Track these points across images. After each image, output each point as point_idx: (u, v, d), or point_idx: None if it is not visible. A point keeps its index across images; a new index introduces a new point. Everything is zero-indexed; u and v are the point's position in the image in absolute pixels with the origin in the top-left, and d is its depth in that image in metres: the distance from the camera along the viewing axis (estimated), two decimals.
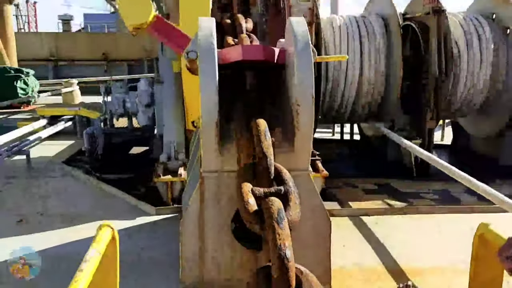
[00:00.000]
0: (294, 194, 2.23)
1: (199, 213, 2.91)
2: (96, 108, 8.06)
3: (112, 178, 5.46)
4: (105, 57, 18.70)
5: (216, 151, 2.84)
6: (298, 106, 2.78)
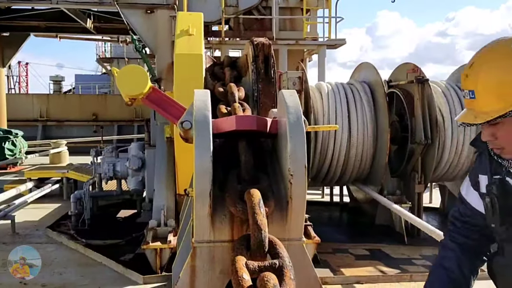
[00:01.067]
0: (289, 269, 2.21)
1: (190, 285, 2.83)
2: (84, 170, 8.02)
3: (99, 244, 5.32)
4: (95, 117, 18.87)
5: (208, 220, 2.82)
6: (291, 176, 2.81)
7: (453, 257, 1.58)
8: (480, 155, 1.56)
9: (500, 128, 1.34)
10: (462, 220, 1.59)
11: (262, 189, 2.75)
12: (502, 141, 1.35)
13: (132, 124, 18.97)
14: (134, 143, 6.46)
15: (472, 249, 1.57)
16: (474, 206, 1.56)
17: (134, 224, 6.16)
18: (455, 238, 1.60)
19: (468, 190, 1.59)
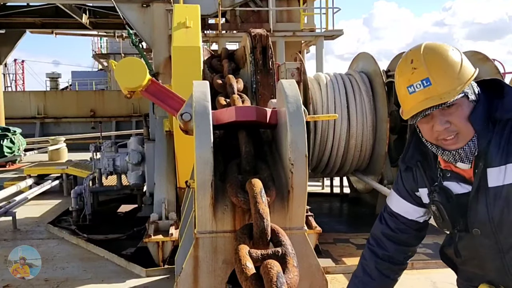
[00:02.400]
0: (292, 257, 2.22)
1: (193, 276, 2.84)
2: (83, 166, 8.02)
3: (100, 238, 5.33)
4: (93, 114, 18.83)
5: (211, 211, 2.83)
6: (292, 165, 2.82)
7: (373, 265, 1.70)
8: (407, 171, 1.60)
9: (454, 112, 1.36)
10: (393, 235, 1.66)
11: (263, 179, 2.76)
12: (457, 124, 1.37)
13: (130, 120, 18.94)
14: (133, 137, 6.45)
15: (395, 258, 1.71)
16: (407, 216, 1.63)
17: (135, 219, 6.16)
18: (377, 253, 1.69)
19: (399, 204, 1.65)
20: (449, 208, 1.46)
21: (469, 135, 1.39)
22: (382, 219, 1.70)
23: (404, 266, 1.69)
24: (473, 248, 1.48)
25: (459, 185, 1.47)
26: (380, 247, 1.65)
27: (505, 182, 1.36)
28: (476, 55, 6.63)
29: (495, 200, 1.38)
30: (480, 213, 1.42)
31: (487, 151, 1.38)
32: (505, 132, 1.37)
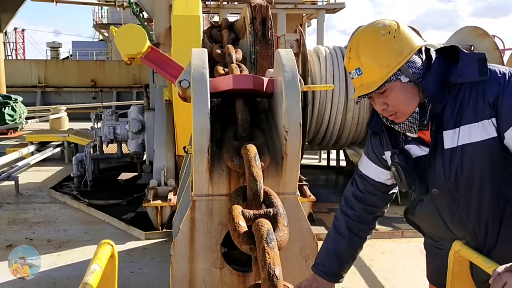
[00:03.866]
0: (283, 217, 2.34)
1: (190, 236, 2.98)
2: (84, 134, 8.12)
3: (101, 203, 5.48)
4: (94, 84, 18.82)
5: (207, 175, 2.95)
6: (286, 132, 2.91)
7: (344, 224, 1.81)
8: (374, 135, 1.72)
9: (389, 94, 1.47)
10: (362, 196, 1.76)
11: (258, 145, 2.86)
12: (394, 105, 1.48)
13: (131, 90, 18.94)
14: (134, 106, 6.53)
15: (364, 218, 1.79)
16: (375, 179, 1.74)
17: (135, 186, 6.31)
18: (347, 213, 1.80)
19: (368, 167, 1.76)
20: (407, 169, 1.56)
21: (409, 111, 1.49)
22: (353, 182, 1.81)
23: (373, 226, 1.81)
24: (433, 208, 1.58)
25: (419, 148, 1.57)
26: (350, 208, 1.76)
27: (459, 144, 1.45)
28: (476, 31, 6.63)
29: (451, 161, 1.47)
30: (438, 174, 1.52)
31: (442, 115, 1.47)
32: (459, 96, 1.45)
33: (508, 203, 1.44)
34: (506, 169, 1.42)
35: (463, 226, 1.53)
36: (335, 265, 1.78)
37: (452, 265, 1.57)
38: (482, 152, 1.42)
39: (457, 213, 1.52)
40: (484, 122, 1.40)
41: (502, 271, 1.28)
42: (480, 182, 1.45)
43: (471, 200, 1.48)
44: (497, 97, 1.38)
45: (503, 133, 1.37)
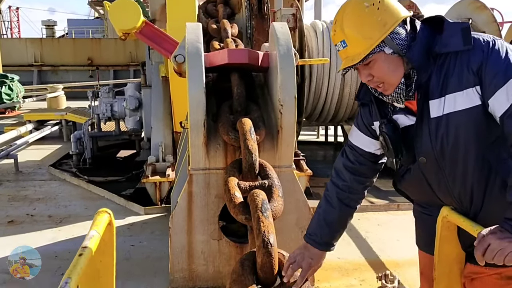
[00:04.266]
0: (278, 188, 2.39)
1: (188, 209, 3.04)
2: (82, 112, 8.12)
3: (100, 180, 5.53)
4: (90, 62, 18.68)
5: (203, 149, 2.98)
6: (281, 106, 2.94)
7: (334, 194, 1.82)
8: (364, 106, 1.75)
9: (374, 66, 1.49)
10: (352, 166, 1.79)
11: (253, 119, 2.90)
12: (379, 76, 1.51)
13: (128, 68, 18.82)
14: (130, 84, 6.52)
15: (354, 189, 1.83)
16: (365, 149, 1.77)
17: (134, 163, 6.35)
18: (338, 184, 1.82)
19: (358, 137, 1.78)
20: (394, 139, 1.60)
21: (394, 82, 1.51)
22: (344, 153, 1.84)
23: (362, 196, 1.85)
24: (421, 176, 1.63)
25: (407, 118, 1.60)
26: (340, 179, 1.80)
27: (444, 112, 1.48)
28: (474, 3, 6.58)
29: (437, 129, 1.51)
30: (424, 143, 1.55)
31: (428, 85, 1.50)
32: (444, 66, 1.47)
33: (492, 170, 1.48)
34: (490, 136, 1.45)
35: (449, 193, 1.57)
36: (327, 234, 1.83)
37: (440, 230, 1.62)
38: (467, 120, 1.45)
39: (444, 180, 1.56)
40: (468, 90, 1.43)
41: (487, 234, 1.33)
42: (465, 150, 1.48)
43: (456, 167, 1.51)
44: (480, 65, 1.40)
45: (487, 100, 1.40)
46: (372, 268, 3.38)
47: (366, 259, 3.55)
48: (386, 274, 3.12)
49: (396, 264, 3.39)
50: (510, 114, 1.34)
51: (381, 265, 3.43)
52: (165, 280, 3.09)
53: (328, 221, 1.84)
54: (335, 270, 3.37)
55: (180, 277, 3.05)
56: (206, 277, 3.06)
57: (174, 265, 3.05)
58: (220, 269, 3.05)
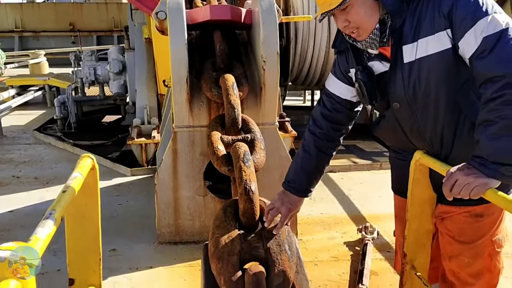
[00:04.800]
0: (260, 141, 2.44)
1: (173, 166, 3.09)
2: (65, 78, 7.99)
3: (86, 144, 5.52)
4: (72, 28, 18.21)
5: (187, 107, 3.00)
6: (264, 62, 2.95)
7: (312, 142, 1.86)
8: (340, 54, 1.78)
9: (350, 11, 1.52)
10: (329, 114, 1.83)
11: (236, 76, 2.91)
12: (355, 21, 1.54)
13: (112, 34, 18.37)
14: (114, 47, 6.41)
15: (330, 136, 1.87)
16: (341, 96, 1.80)
17: (119, 127, 6.34)
18: (315, 132, 1.86)
19: (335, 85, 1.82)
20: (369, 85, 1.64)
21: (370, 27, 1.54)
22: (321, 101, 1.87)
23: (338, 143, 1.90)
24: (395, 121, 1.68)
25: (382, 64, 1.63)
26: (317, 127, 1.84)
27: (417, 57, 1.52)
28: None
29: (409, 74, 1.55)
30: (398, 88, 1.59)
31: (402, 30, 1.53)
32: (417, 10, 1.50)
33: (462, 112, 1.53)
34: (460, 79, 1.50)
35: (422, 137, 1.63)
36: (304, 181, 1.88)
37: (413, 173, 1.68)
38: (438, 63, 1.49)
39: (416, 124, 1.62)
40: (439, 34, 1.46)
41: (454, 171, 1.39)
42: (436, 93, 1.53)
43: (428, 111, 1.57)
44: (451, 8, 1.43)
45: (457, 42, 1.43)
46: (354, 222, 3.49)
47: (348, 214, 3.66)
48: (366, 226, 3.24)
49: (377, 217, 3.51)
50: (478, 55, 1.38)
51: (362, 219, 3.54)
52: (152, 235, 3.17)
53: (306, 168, 1.89)
54: (318, 224, 3.47)
55: (167, 232, 3.13)
56: (192, 231, 3.15)
57: (160, 221, 3.12)
58: (206, 224, 3.13)
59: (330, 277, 2.74)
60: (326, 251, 3.06)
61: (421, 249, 1.79)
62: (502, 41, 1.34)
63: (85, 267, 1.59)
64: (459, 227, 1.64)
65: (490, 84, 1.35)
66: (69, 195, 1.24)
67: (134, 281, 2.69)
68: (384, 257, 2.97)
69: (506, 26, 1.35)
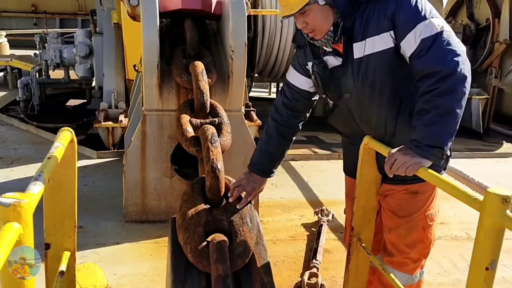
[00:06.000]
0: (227, 125, 2.61)
1: (141, 148, 3.22)
2: (28, 59, 7.84)
3: (50, 127, 5.50)
4: (35, 9, 17.63)
5: (157, 91, 3.13)
6: (232, 52, 3.12)
7: (274, 129, 2.05)
8: (299, 48, 1.99)
9: (309, 15, 1.73)
10: (289, 103, 2.03)
11: (205, 63, 3.07)
12: (312, 24, 1.75)
13: (76, 17, 17.91)
14: (80, 30, 6.36)
15: (290, 123, 2.05)
16: (300, 87, 2.01)
17: (84, 111, 6.33)
18: (276, 119, 2.05)
19: (294, 76, 2.02)
20: (323, 77, 1.85)
21: (325, 29, 1.76)
22: (282, 91, 2.07)
23: (298, 129, 2.11)
24: (346, 109, 1.91)
25: (335, 59, 1.84)
26: (279, 114, 2.04)
27: (365, 54, 1.74)
28: None
29: (358, 68, 1.77)
30: (349, 80, 1.81)
31: (352, 29, 1.75)
32: (365, 13, 1.73)
33: (403, 102, 1.77)
34: (401, 74, 1.73)
35: (369, 124, 1.86)
36: (267, 163, 2.07)
37: (362, 155, 1.90)
38: (383, 59, 1.71)
39: (364, 112, 1.84)
40: (384, 34, 1.68)
41: (395, 151, 1.62)
42: (381, 85, 1.75)
43: (374, 101, 1.79)
44: (394, 12, 1.65)
45: (399, 42, 1.66)
46: (311, 206, 3.73)
47: (306, 199, 3.90)
48: (322, 210, 3.48)
49: (333, 202, 3.75)
50: (417, 54, 1.61)
51: (319, 203, 3.78)
52: (119, 214, 3.28)
53: (269, 151, 2.08)
54: (278, 207, 3.69)
55: (134, 211, 3.26)
56: (158, 211, 3.29)
57: (127, 200, 3.25)
58: (171, 204, 3.28)
59: (287, 253, 2.96)
60: (285, 231, 3.27)
61: (367, 223, 2.02)
62: (437, 43, 1.57)
63: (61, 233, 1.72)
64: (398, 202, 1.88)
65: (427, 79, 1.58)
66: (53, 161, 1.37)
67: (101, 255, 2.81)
68: (337, 237, 3.22)
69: (441, 30, 1.58)
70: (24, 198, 0.99)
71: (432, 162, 1.59)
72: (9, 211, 0.95)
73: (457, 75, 1.54)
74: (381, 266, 1.89)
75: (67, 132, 1.60)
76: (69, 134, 1.59)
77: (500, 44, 6.39)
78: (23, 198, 0.99)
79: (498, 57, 6.50)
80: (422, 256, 1.96)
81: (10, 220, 0.94)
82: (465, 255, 3.05)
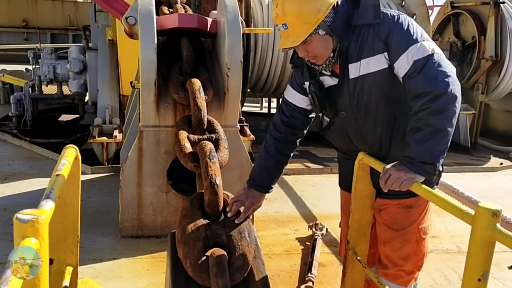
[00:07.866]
0: (224, 141, 2.67)
1: (138, 163, 3.25)
2: (20, 75, 7.84)
3: (43, 142, 5.50)
4: (26, 24, 17.65)
5: (154, 107, 3.18)
6: (228, 69, 3.20)
7: (272, 145, 2.12)
8: (297, 68, 2.07)
9: (310, 44, 1.81)
10: (287, 120, 2.09)
11: (202, 80, 3.13)
12: (313, 53, 1.83)
13: (67, 33, 17.96)
14: (74, 46, 6.41)
15: (288, 139, 2.11)
16: (297, 104, 2.07)
17: (78, 126, 6.34)
18: (275, 136, 2.12)
19: (292, 94, 2.09)
20: (320, 97, 1.93)
21: (325, 56, 1.83)
22: (280, 109, 2.14)
23: (295, 145, 2.18)
24: (341, 127, 1.98)
25: (331, 79, 1.92)
26: (277, 131, 2.10)
27: (360, 74, 1.82)
28: None
29: (354, 88, 1.85)
30: (344, 99, 1.89)
31: (348, 51, 1.83)
32: (360, 35, 1.81)
33: (397, 120, 1.84)
34: (395, 93, 1.81)
35: (364, 141, 1.93)
36: (266, 179, 2.12)
37: (357, 171, 1.97)
38: (377, 80, 1.79)
39: (359, 130, 1.91)
40: (378, 56, 1.76)
41: (389, 167, 1.69)
42: (376, 104, 1.83)
43: (368, 119, 1.86)
44: (388, 35, 1.74)
45: (392, 63, 1.74)
46: (305, 220, 3.78)
47: (300, 213, 3.94)
48: (316, 224, 3.53)
49: (326, 216, 3.80)
50: (409, 75, 1.69)
51: (313, 217, 3.83)
52: (114, 229, 3.30)
53: (267, 167, 2.13)
54: (272, 222, 3.73)
55: (130, 226, 3.27)
56: (154, 226, 3.31)
57: (124, 215, 3.27)
58: (167, 219, 3.31)
59: (282, 267, 3.00)
60: (279, 245, 3.31)
61: (362, 237, 2.07)
62: (429, 64, 1.66)
63: (64, 248, 1.75)
64: (393, 216, 1.94)
65: (419, 98, 1.66)
66: (61, 178, 1.41)
67: (98, 271, 2.82)
68: (331, 251, 3.27)
69: (432, 52, 1.67)
70: (41, 214, 1.03)
71: (425, 178, 1.66)
72: (27, 227, 0.99)
73: (448, 95, 1.63)
74: (376, 279, 1.94)
75: (72, 149, 1.65)
76: (74, 151, 1.64)
77: (486, 61, 6.57)
78: (40, 214, 1.03)
79: (484, 73, 6.67)
80: (416, 269, 2.02)
81: (28, 235, 0.98)
82: (456, 268, 3.11)
